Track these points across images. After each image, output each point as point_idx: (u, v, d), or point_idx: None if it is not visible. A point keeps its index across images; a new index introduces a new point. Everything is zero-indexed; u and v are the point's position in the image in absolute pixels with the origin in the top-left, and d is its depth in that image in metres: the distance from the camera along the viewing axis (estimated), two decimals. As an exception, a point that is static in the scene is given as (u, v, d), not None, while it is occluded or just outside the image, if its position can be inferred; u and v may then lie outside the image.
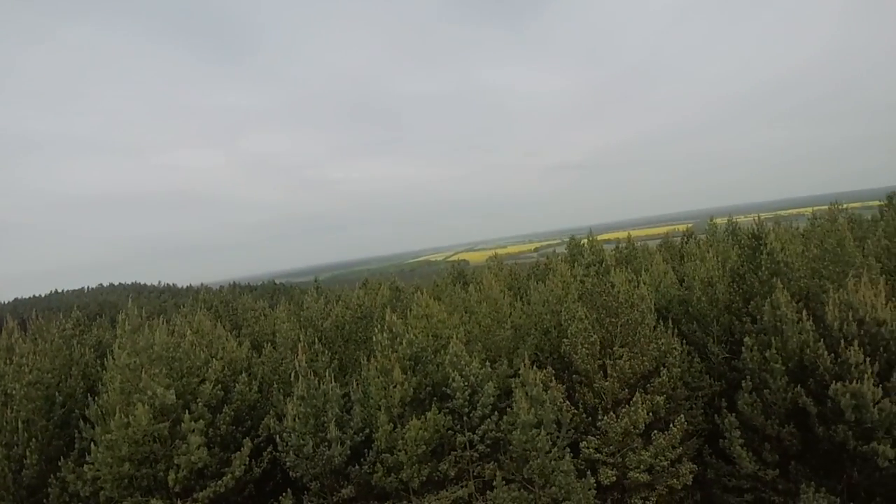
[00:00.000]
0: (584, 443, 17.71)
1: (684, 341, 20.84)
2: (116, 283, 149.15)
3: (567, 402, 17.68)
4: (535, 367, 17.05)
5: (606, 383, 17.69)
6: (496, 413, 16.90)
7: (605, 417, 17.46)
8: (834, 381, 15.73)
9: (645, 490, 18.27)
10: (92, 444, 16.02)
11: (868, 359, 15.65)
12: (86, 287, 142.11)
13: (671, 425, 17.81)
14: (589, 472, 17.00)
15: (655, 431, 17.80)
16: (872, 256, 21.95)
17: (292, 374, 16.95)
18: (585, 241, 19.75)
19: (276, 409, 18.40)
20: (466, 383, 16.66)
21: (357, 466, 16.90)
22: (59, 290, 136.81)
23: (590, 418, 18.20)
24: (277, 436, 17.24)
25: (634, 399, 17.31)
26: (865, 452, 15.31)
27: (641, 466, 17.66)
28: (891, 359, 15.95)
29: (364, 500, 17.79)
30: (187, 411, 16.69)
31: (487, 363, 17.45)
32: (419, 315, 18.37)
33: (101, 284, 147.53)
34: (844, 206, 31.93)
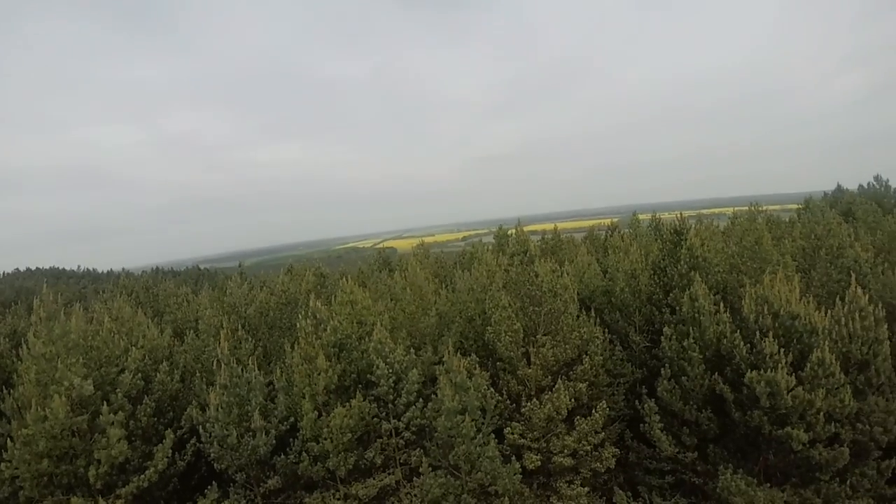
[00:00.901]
0: (509, 428, 17.96)
1: (606, 330, 21.40)
2: (34, 268, 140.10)
3: (491, 388, 17.86)
4: (459, 355, 17.08)
5: (530, 370, 18.04)
6: (421, 400, 17.02)
7: (529, 404, 17.76)
8: (749, 370, 16.33)
9: (569, 474, 18.75)
10: (8, 440, 15.23)
11: (782, 350, 16.30)
12: (1, 272, 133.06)
13: (593, 411, 18.31)
14: (514, 458, 17.20)
15: (578, 417, 18.26)
16: (789, 255, 23.16)
17: (215, 363, 16.57)
18: (513, 231, 19.99)
19: (199, 398, 17.89)
20: (391, 370, 16.70)
21: (283, 456, 16.70)
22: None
23: (514, 405, 18.49)
24: (200, 426, 16.77)
25: (557, 386, 17.69)
26: (780, 436, 16.02)
27: (565, 451, 18.07)
28: (804, 350, 16.62)
29: (291, 490, 17.60)
30: (106, 403, 16.06)
31: (412, 350, 17.49)
32: (344, 301, 18.22)
33: (17, 269, 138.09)
34: (764, 207, 33.65)
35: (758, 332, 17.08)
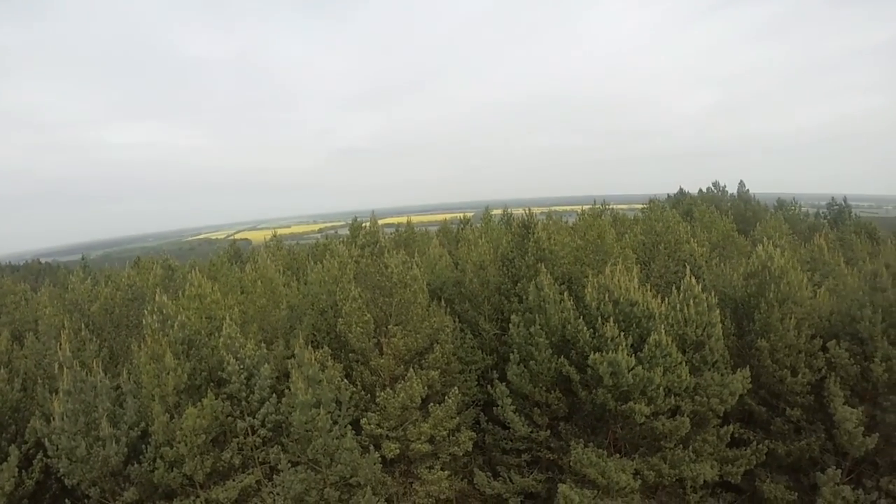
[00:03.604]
0: (365, 419, 18.57)
1: (457, 319, 22.47)
2: None
3: (345, 380, 18.38)
4: (311, 347, 17.52)
5: (382, 360, 18.80)
6: (275, 396, 17.12)
7: (383, 393, 18.48)
8: (593, 353, 17.59)
9: (429, 459, 19.68)
10: None
11: (622, 333, 17.67)
12: None
13: (447, 397, 19.30)
14: (373, 447, 17.84)
15: (433, 404, 19.19)
16: (630, 248, 25.53)
17: (57, 367, 16.03)
18: (367, 223, 20.64)
19: (43, 408, 16.98)
20: (242, 366, 16.76)
21: (137, 465, 16.21)
22: None
23: (368, 395, 19.17)
24: (46, 439, 15.90)
25: (410, 374, 18.55)
26: (624, 411, 17.35)
27: (423, 437, 18.93)
28: (642, 333, 18.11)
29: (149, 501, 17.11)
30: (-61, 420, 15.30)
31: (263, 345, 17.57)
32: (192, 295, 18.12)
33: None
34: (610, 205, 36.88)
35: (599, 318, 18.45)
